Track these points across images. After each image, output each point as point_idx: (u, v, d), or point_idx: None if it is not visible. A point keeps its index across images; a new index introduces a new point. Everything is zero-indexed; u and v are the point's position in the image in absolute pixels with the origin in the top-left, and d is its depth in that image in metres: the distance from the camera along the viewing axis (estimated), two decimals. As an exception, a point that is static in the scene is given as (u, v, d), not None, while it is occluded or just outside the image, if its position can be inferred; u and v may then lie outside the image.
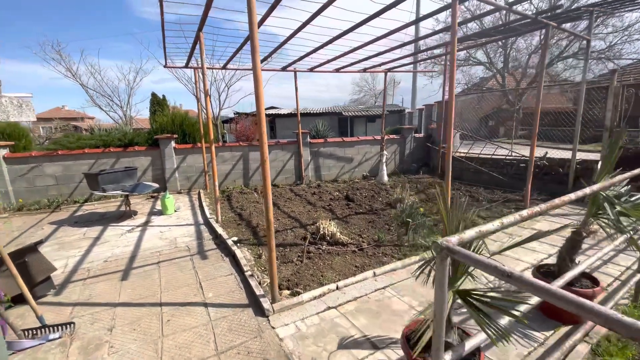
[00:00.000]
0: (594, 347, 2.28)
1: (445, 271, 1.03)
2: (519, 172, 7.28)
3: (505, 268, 0.85)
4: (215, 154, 5.69)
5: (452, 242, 1.03)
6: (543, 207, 1.42)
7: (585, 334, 2.28)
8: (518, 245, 1.88)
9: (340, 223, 5.08)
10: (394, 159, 9.60)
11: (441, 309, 1.06)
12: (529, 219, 1.32)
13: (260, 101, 2.57)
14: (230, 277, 3.48)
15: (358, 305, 2.90)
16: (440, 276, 1.04)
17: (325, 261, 3.76)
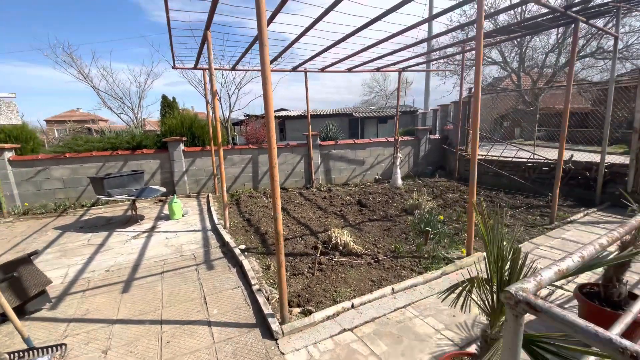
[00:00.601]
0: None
1: (519, 333, 0.75)
2: (542, 176, 6.87)
3: (626, 343, 0.57)
4: (224, 157, 5.50)
5: (530, 291, 0.75)
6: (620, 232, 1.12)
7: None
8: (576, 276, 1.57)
9: (353, 231, 4.79)
10: (408, 162, 9.26)
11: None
12: (609, 246, 1.03)
13: (268, 101, 2.32)
14: (237, 291, 3.24)
15: (377, 327, 2.62)
16: (512, 339, 0.76)
17: (338, 274, 3.48)
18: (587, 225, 4.85)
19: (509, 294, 0.74)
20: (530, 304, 0.71)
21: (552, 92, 17.29)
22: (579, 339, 0.65)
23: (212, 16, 3.97)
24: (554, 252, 3.91)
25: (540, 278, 0.80)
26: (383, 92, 37.18)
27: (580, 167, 6.28)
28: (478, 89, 3.50)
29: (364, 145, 8.82)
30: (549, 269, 0.84)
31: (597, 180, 5.87)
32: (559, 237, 4.42)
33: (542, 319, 0.70)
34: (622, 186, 5.65)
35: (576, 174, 6.32)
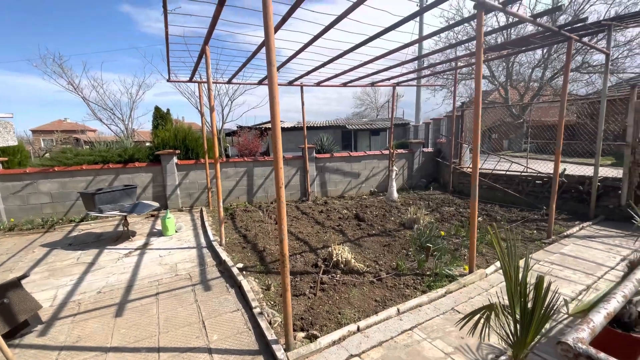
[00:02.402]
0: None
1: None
2: (536, 189, 6.97)
3: None
4: (219, 170, 5.39)
5: (586, 340, 0.70)
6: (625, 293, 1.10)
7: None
8: None
9: (353, 247, 4.73)
10: (402, 174, 9.30)
11: None
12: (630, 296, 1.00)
13: (275, 113, 2.28)
14: (237, 314, 3.11)
15: (385, 352, 2.53)
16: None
17: (341, 294, 3.39)
18: (584, 239, 4.90)
19: (567, 346, 0.69)
20: (592, 359, 0.66)
21: (539, 105, 17.81)
22: None
23: (212, 31, 3.95)
24: (555, 268, 3.92)
25: (593, 325, 0.76)
26: (374, 105, 37.74)
27: (573, 181, 6.40)
28: (478, 106, 3.54)
29: (359, 158, 8.84)
30: (598, 313, 0.80)
31: (591, 194, 5.98)
32: (558, 252, 4.44)
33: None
34: (615, 200, 5.77)
35: (569, 187, 6.43)
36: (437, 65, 8.14)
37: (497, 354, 2.49)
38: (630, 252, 4.33)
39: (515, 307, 1.48)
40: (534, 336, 1.41)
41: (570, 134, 11.16)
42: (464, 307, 3.16)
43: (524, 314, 1.42)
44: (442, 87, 19.26)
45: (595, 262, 4.06)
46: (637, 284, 0.95)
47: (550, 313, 1.39)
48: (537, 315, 1.36)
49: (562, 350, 0.68)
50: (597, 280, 3.61)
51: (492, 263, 4.09)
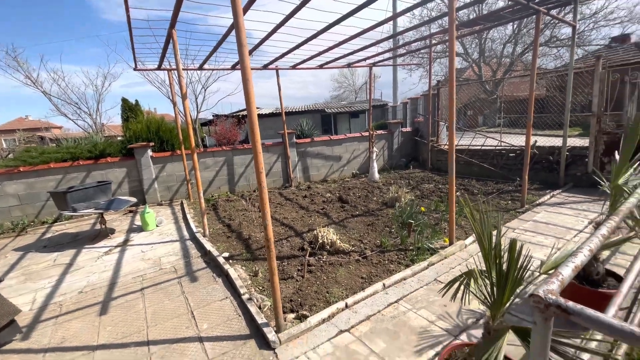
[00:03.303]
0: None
1: (549, 335, 0.75)
2: (509, 162, 7.24)
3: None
4: (197, 161, 5.25)
5: (556, 291, 0.75)
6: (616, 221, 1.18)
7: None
8: None
9: (338, 228, 4.79)
10: (383, 155, 9.41)
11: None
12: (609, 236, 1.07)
13: (250, 97, 2.22)
14: (226, 302, 3.12)
15: (372, 325, 2.63)
16: (541, 343, 0.76)
17: (328, 274, 3.46)
18: (555, 206, 5.18)
19: (538, 298, 0.74)
20: (562, 307, 0.71)
21: (511, 80, 18.26)
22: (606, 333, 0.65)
23: (177, 13, 3.75)
24: (528, 235, 4.14)
25: (562, 277, 0.81)
26: (352, 87, 37.52)
27: (544, 152, 6.69)
28: (453, 83, 3.59)
29: (339, 141, 8.84)
30: (566, 266, 0.86)
31: (560, 163, 6.28)
32: (531, 219, 4.68)
33: (574, 320, 0.70)
34: (582, 168, 6.09)
35: (540, 158, 6.72)
36: (412, 44, 8.14)
37: (477, 317, 2.64)
38: (597, 215, 4.63)
39: (491, 270, 1.56)
40: (510, 296, 1.50)
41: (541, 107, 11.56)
42: (445, 277, 3.30)
43: (499, 276, 1.50)
44: (417, 66, 19.36)
45: (565, 227, 4.31)
46: (602, 238, 1.01)
47: (523, 273, 1.47)
48: (511, 276, 1.44)
49: (534, 302, 0.73)
50: (567, 242, 3.85)
51: (470, 234, 4.27)
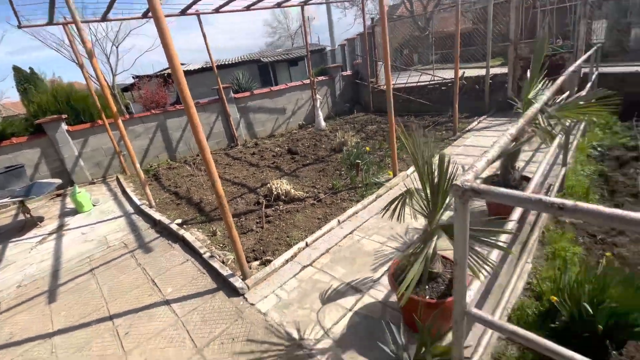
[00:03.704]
0: (540, 239, 2.60)
1: (467, 216, 0.89)
2: (443, 95, 7.70)
3: (553, 200, 0.73)
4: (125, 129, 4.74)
5: (471, 180, 0.88)
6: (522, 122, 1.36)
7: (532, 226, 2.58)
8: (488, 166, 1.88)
9: (291, 178, 4.85)
10: (327, 102, 9.36)
11: (463, 258, 0.95)
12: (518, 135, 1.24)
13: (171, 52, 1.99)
14: (187, 264, 3.11)
15: (332, 256, 2.85)
16: (462, 222, 0.91)
17: (287, 221, 3.57)
18: (482, 130, 5.76)
19: (456, 186, 0.86)
20: (475, 190, 0.83)
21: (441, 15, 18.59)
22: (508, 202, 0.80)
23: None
24: (460, 158, 4.61)
25: (475, 169, 0.94)
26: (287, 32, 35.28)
27: (471, 82, 7.20)
28: (384, 22, 3.56)
29: (281, 92, 8.52)
30: (479, 160, 0.99)
31: (485, 91, 6.85)
32: (462, 145, 5.18)
33: (487, 198, 0.84)
34: (503, 93, 6.73)
35: (468, 88, 7.25)
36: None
37: (420, 233, 2.99)
38: (513, 133, 5.26)
39: (425, 185, 1.75)
40: (442, 204, 1.71)
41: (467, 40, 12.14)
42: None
43: (432, 188, 1.69)
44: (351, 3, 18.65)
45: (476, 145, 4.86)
46: (510, 137, 1.17)
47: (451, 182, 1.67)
48: (441, 186, 1.63)
49: (454, 191, 0.84)
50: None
51: (411, 165, 4.63)
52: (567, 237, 2.51)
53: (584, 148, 4.20)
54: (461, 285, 1.00)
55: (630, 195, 3.14)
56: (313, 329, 2.10)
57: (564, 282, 1.80)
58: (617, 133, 4.70)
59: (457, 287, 1.02)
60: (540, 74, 2.78)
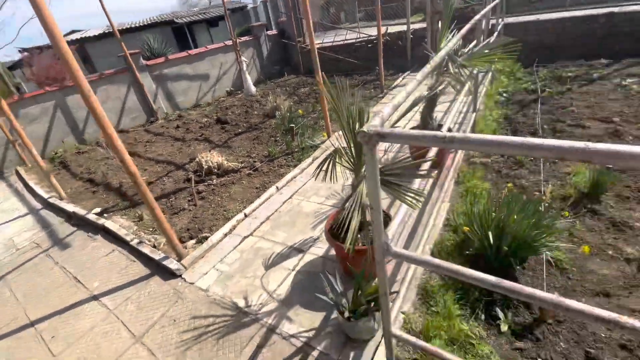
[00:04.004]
0: (456, 180, 2.91)
1: (376, 160, 0.91)
2: (370, 53, 7.78)
3: (445, 134, 0.77)
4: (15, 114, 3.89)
5: (378, 126, 0.89)
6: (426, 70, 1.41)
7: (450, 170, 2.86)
8: (402, 117, 1.97)
9: (223, 150, 4.59)
10: (255, 65, 8.81)
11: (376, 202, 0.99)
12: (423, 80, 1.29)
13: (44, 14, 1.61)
14: (114, 255, 2.84)
15: (272, 223, 2.84)
16: (371, 167, 0.93)
17: (222, 195, 3.42)
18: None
19: (363, 133, 0.86)
20: (380, 133, 0.84)
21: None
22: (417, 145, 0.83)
23: None
24: (388, 113, 4.80)
25: (382, 114, 0.95)
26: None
27: (394, 38, 7.35)
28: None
29: (200, 55, 7.75)
30: (386, 107, 1.00)
31: (407, 47, 7.07)
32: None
33: (390, 141, 0.86)
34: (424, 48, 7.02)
35: (392, 45, 7.40)
36: None
37: (355, 188, 3.12)
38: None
39: (350, 141, 1.77)
40: (367, 157, 1.76)
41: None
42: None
43: (355, 144, 1.72)
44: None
45: None
46: (416, 83, 1.20)
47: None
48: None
49: (361, 137, 0.84)
50: (415, 113, 4.65)
51: (344, 124, 4.70)
52: (478, 176, 2.84)
53: (492, 95, 4.67)
54: (378, 228, 1.06)
55: (529, 133, 3.62)
56: (258, 295, 2.11)
57: (474, 214, 2.06)
58: (520, 79, 5.29)
59: (375, 229, 1.07)
60: (452, 25, 2.93)
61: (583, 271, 1.86)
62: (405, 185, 1.55)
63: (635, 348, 1.46)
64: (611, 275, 1.80)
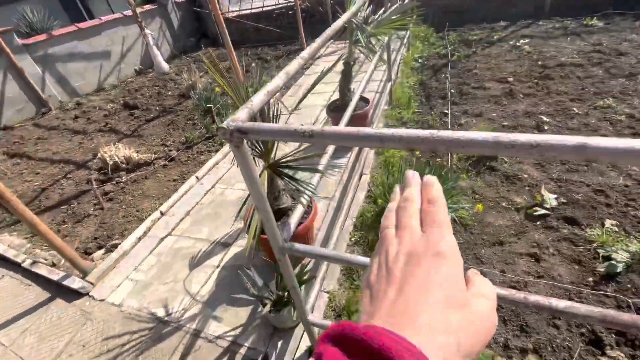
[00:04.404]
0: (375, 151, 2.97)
1: (246, 158, 0.81)
2: (292, 20, 7.40)
3: (304, 128, 0.69)
4: None
5: (242, 119, 0.77)
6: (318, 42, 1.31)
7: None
8: (309, 93, 1.88)
9: (133, 140, 4.07)
10: (165, 38, 7.82)
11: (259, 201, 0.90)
12: (310, 59, 1.19)
13: None
14: (5, 281, 2.40)
15: (193, 218, 2.63)
16: (243, 167, 0.82)
17: (134, 193, 3.06)
18: (331, 55, 5.90)
19: (222, 129, 0.74)
20: (241, 129, 0.73)
21: None
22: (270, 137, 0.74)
23: None
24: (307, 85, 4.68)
25: (251, 104, 0.83)
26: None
27: (314, 4, 7.05)
28: None
29: (95, 29, 6.60)
30: (259, 93, 0.89)
31: (328, 13, 6.85)
32: (313, 73, 5.24)
33: (253, 137, 0.75)
34: (343, 14, 6.88)
35: (313, 11, 7.12)
36: None
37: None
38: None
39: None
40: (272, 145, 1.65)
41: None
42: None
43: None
44: None
45: None
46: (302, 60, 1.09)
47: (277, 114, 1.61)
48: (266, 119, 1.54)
49: (221, 135, 0.72)
50: (338, 84, 4.60)
51: (268, 100, 4.47)
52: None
53: (409, 61, 4.81)
54: (270, 229, 0.99)
55: (440, 97, 3.82)
56: (180, 300, 1.97)
57: (388, 185, 2.12)
58: (433, 44, 5.51)
59: (267, 230, 1.00)
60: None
61: (483, 224, 2.07)
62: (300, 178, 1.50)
63: (522, 288, 1.68)
64: (504, 225, 2.03)
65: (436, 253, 0.26)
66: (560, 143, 0.48)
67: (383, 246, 0.30)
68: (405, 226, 0.30)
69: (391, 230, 0.31)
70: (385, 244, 0.30)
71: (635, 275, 1.59)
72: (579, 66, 3.60)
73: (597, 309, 0.71)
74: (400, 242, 0.29)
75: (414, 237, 0.29)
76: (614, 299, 1.53)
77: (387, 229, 0.32)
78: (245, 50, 7.26)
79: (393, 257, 0.28)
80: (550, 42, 4.34)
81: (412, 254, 0.27)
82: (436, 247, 0.27)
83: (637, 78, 3.16)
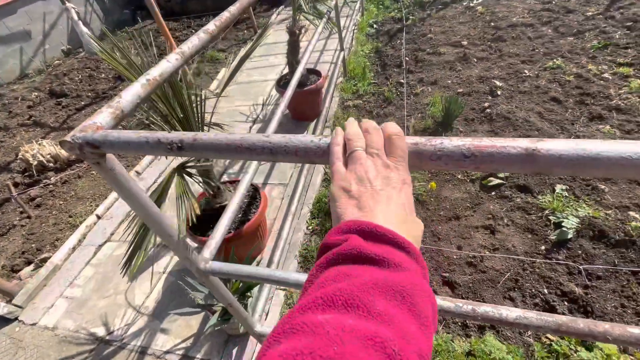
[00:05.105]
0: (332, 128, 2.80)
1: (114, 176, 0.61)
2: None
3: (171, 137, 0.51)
4: None
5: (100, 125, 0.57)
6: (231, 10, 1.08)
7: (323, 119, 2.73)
8: (237, 71, 1.65)
9: (62, 134, 3.59)
10: (94, 12, 6.88)
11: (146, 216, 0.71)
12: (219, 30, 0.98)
13: None
14: None
15: (135, 219, 2.37)
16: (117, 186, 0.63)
17: (65, 196, 2.71)
18: (281, 23, 5.46)
19: (68, 144, 0.53)
20: (91, 143, 0.53)
21: None
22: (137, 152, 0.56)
23: None
24: (262, 60, 4.35)
25: (119, 102, 0.62)
26: None
27: (261, -34, 6.42)
28: None
29: (9, 7, 5.59)
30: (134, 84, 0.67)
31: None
32: (264, 44, 4.84)
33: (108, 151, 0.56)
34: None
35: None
36: None
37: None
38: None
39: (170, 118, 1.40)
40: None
41: None
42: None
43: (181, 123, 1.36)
44: None
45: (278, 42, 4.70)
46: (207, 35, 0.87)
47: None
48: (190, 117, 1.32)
49: (68, 150, 0.52)
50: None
51: (216, 79, 4.10)
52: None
53: (364, 27, 4.56)
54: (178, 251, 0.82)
55: (396, 66, 3.66)
56: (122, 314, 1.78)
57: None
58: (388, 7, 5.24)
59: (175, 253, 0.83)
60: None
61: (439, 199, 2.02)
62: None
63: (478, 263, 1.67)
64: (460, 198, 1.99)
65: (404, 181, 0.35)
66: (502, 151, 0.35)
67: (359, 164, 0.36)
68: (376, 151, 0.36)
69: (362, 152, 0.37)
70: (361, 162, 0.36)
71: (585, 240, 1.62)
72: (529, 26, 3.55)
73: (552, 317, 0.63)
74: (374, 165, 0.35)
75: (386, 162, 0.36)
76: (565, 267, 1.55)
77: (356, 150, 0.37)
78: (187, 21, 6.59)
79: (373, 177, 0.34)
80: (502, 2, 4.26)
81: (388, 178, 0.35)
82: (406, 177, 0.36)
83: (584, 36, 3.17)
